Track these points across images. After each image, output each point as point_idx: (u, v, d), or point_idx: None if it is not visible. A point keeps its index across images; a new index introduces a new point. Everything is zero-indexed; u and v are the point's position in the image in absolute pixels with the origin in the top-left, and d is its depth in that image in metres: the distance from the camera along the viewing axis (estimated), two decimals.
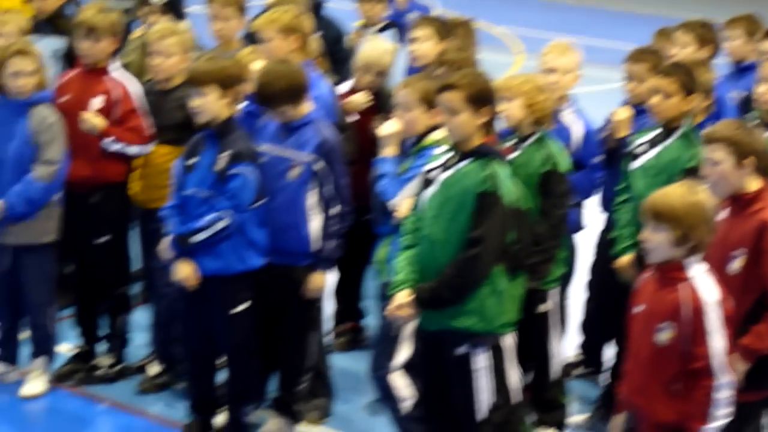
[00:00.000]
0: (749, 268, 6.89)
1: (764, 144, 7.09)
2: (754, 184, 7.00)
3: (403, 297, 7.30)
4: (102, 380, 9.45)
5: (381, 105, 9.64)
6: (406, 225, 7.55)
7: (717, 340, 6.22)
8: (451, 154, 7.38)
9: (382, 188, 7.96)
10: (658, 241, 6.32)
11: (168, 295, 9.00)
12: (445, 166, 7.37)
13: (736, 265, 6.89)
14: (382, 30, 10.98)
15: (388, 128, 8.11)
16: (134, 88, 9.30)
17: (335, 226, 8.45)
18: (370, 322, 10.15)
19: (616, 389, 6.81)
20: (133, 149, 9.22)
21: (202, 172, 8.26)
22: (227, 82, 8.30)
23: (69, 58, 9.97)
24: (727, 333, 6.25)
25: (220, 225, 8.20)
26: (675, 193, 6.38)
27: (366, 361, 9.62)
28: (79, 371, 9.48)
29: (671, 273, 6.33)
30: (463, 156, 7.29)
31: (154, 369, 9.45)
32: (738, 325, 6.65)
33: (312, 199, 8.41)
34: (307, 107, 8.43)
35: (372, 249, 8.68)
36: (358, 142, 9.33)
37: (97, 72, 9.28)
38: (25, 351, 9.39)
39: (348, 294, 10.25)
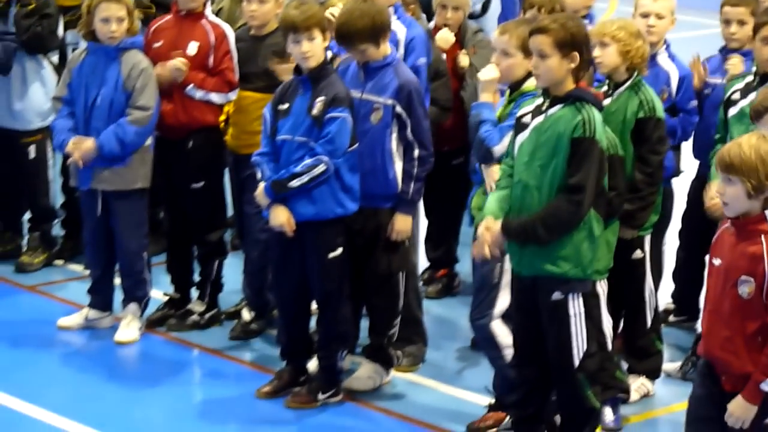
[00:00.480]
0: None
1: None
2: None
3: (490, 222, 7.28)
4: (194, 327, 9.53)
5: (462, 41, 9.83)
6: (499, 170, 7.56)
7: None
8: (542, 99, 7.37)
9: (486, 134, 7.87)
10: (732, 194, 6.18)
11: (261, 242, 9.10)
12: (537, 112, 7.36)
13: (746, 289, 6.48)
14: None
15: (486, 74, 8.04)
16: (230, 33, 9.32)
17: (416, 168, 8.49)
18: (464, 269, 10.16)
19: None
20: (215, 97, 9.25)
21: (296, 117, 8.26)
22: (325, 26, 8.34)
23: (163, 5, 9.99)
24: None
25: (318, 170, 8.21)
26: (747, 143, 6.18)
27: (458, 308, 9.72)
28: (172, 317, 9.57)
29: (750, 226, 6.19)
30: (555, 101, 7.28)
31: (245, 316, 9.50)
32: None
33: (394, 142, 8.45)
34: (387, 49, 8.46)
35: (466, 195, 8.67)
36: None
37: (193, 17, 9.32)
38: (118, 297, 9.51)
39: (441, 241, 10.26)
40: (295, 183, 8.22)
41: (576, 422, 7.66)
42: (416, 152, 8.48)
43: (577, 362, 7.46)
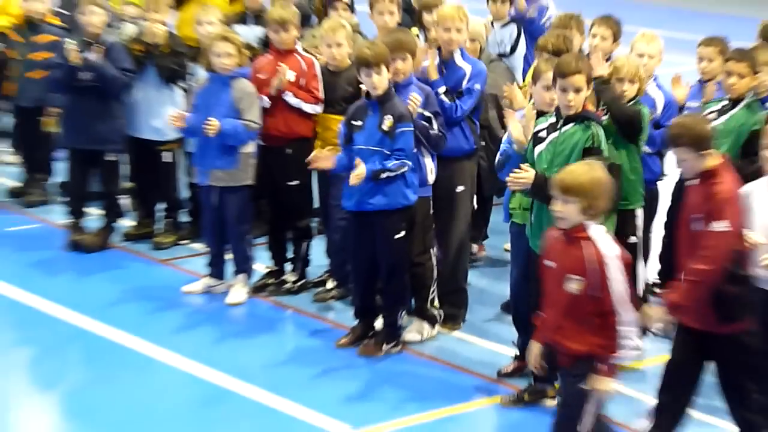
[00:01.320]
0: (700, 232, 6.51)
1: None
2: (713, 161, 6.56)
3: (526, 168, 7.30)
4: (288, 292, 9.57)
5: None
6: None
7: (617, 285, 6.06)
8: (554, 118, 7.40)
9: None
10: (568, 211, 6.11)
11: (341, 228, 9.11)
12: (551, 129, 7.40)
13: (698, 226, 6.49)
14: (504, 26, 10.89)
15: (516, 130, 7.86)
16: (317, 62, 9.38)
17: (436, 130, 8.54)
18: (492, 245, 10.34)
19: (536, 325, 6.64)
20: (306, 106, 9.28)
21: (369, 132, 8.30)
22: (389, 61, 8.33)
23: (266, 43, 10.09)
24: (625, 279, 6.10)
25: (403, 170, 8.28)
26: (579, 170, 6.17)
27: (490, 278, 9.80)
28: (271, 285, 9.62)
29: (575, 234, 6.12)
30: (568, 120, 7.33)
31: (328, 284, 9.56)
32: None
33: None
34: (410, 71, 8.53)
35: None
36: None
37: (287, 52, 9.38)
38: (229, 269, 9.57)
39: (479, 220, 10.15)
40: (384, 175, 8.25)
41: None
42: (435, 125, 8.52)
43: None
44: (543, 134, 7.45)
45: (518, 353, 8.20)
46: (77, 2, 10.34)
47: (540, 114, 7.64)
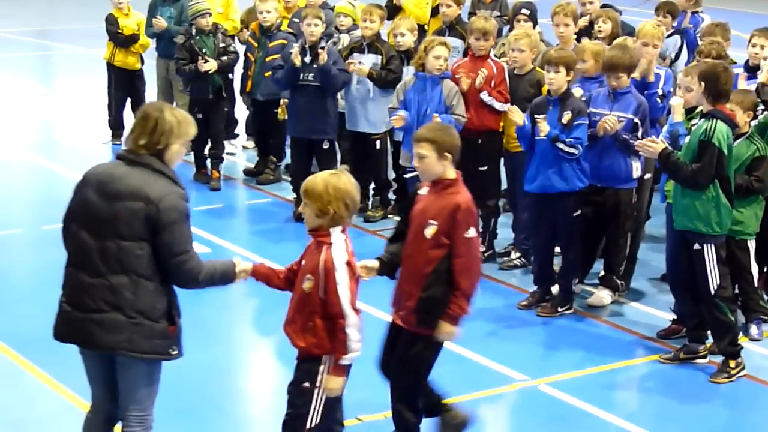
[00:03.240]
0: (438, 237, 6.12)
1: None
2: (452, 173, 6.27)
3: (656, 139, 7.57)
4: None
5: None
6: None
7: (343, 291, 5.62)
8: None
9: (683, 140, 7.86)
10: (307, 212, 5.75)
11: (525, 208, 9.19)
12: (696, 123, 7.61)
13: (429, 231, 6.11)
14: (668, 36, 10.85)
15: (676, 101, 8.03)
16: (506, 67, 9.49)
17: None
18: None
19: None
20: (497, 104, 9.37)
21: (549, 124, 8.41)
22: (572, 65, 8.52)
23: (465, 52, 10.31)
24: (353, 285, 5.67)
25: (573, 150, 8.35)
26: (320, 177, 5.75)
27: (648, 251, 9.73)
28: None
29: (319, 238, 5.74)
30: (702, 116, 7.53)
31: (512, 255, 9.68)
32: (428, 276, 6.14)
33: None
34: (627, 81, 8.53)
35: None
36: None
37: (482, 57, 9.54)
38: None
39: None
40: (560, 146, 8.32)
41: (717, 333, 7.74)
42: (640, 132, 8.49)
43: (713, 291, 7.57)
44: (693, 126, 7.66)
45: (675, 317, 8.26)
46: (304, 14, 10.70)
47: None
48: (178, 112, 5.67)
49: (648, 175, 8.99)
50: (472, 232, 6.14)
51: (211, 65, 11.38)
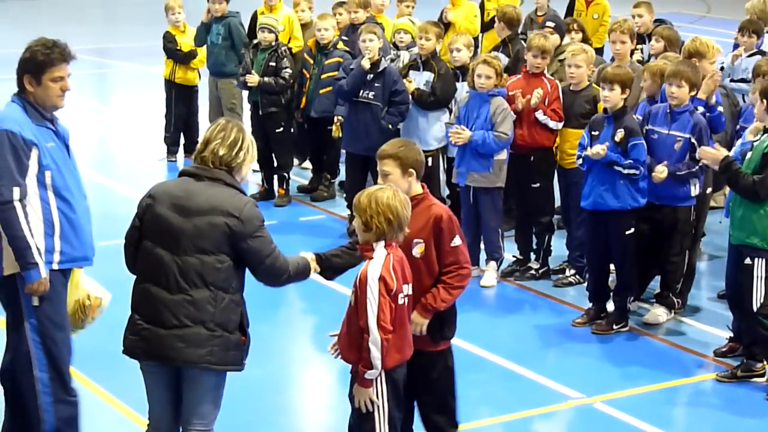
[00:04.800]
0: (428, 252, 6.02)
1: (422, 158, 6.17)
2: (418, 188, 6.09)
3: (720, 147, 7.52)
4: (532, 278, 9.66)
5: None
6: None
7: (371, 307, 5.54)
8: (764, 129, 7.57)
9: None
10: (357, 227, 5.73)
11: (580, 224, 9.16)
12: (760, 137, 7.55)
13: (417, 250, 5.99)
14: (750, 56, 10.82)
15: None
16: (559, 85, 9.48)
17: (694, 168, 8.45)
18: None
19: None
20: (551, 123, 9.38)
21: (604, 141, 8.42)
22: (628, 83, 8.47)
23: (513, 68, 10.33)
24: (385, 302, 5.56)
25: (634, 171, 8.33)
26: (367, 191, 5.71)
27: (711, 268, 9.68)
28: (517, 271, 9.74)
29: (364, 252, 5.72)
30: (765, 131, 7.50)
31: (567, 272, 9.63)
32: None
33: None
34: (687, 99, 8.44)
35: None
36: None
37: (536, 75, 9.54)
38: (483, 257, 9.69)
39: None
40: (619, 169, 8.30)
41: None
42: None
43: (755, 308, 7.52)
44: (755, 141, 7.61)
45: (732, 335, 8.18)
46: (360, 30, 10.76)
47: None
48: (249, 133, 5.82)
49: (709, 189, 8.95)
50: (457, 241, 6.08)
51: (249, 78, 11.46)
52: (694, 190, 8.60)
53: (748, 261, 7.54)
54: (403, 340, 5.77)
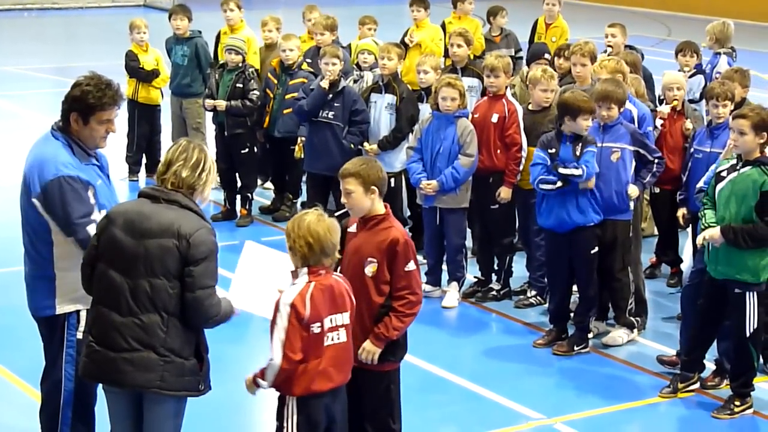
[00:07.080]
0: (380, 273, 6.09)
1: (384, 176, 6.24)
2: (381, 207, 6.17)
3: (715, 229, 7.36)
4: (494, 298, 9.69)
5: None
6: (705, 207, 7.61)
7: (277, 332, 5.56)
8: (735, 161, 7.46)
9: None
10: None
11: (540, 246, 9.24)
12: (731, 169, 7.46)
13: (369, 269, 6.08)
14: (691, 76, 10.98)
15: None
16: (519, 109, 9.54)
17: (653, 168, 8.64)
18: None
19: None
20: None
21: (568, 159, 8.44)
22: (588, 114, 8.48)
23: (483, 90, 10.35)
24: (293, 330, 5.54)
25: (577, 171, 8.33)
26: (298, 215, 5.76)
27: (665, 292, 9.69)
28: (479, 292, 9.76)
29: (293, 278, 5.69)
30: (746, 163, 7.40)
31: (528, 293, 9.65)
32: (375, 315, 6.12)
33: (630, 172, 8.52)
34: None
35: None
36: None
37: (497, 97, 9.58)
38: (445, 278, 9.76)
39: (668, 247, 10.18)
40: (562, 171, 8.35)
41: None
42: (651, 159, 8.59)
43: (748, 334, 7.55)
44: (724, 174, 7.54)
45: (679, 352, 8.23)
46: (322, 52, 10.80)
47: None
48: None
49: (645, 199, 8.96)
50: (412, 266, 6.13)
51: (217, 104, 11.50)
52: (632, 204, 8.66)
53: (738, 290, 7.51)
54: (318, 373, 5.68)
